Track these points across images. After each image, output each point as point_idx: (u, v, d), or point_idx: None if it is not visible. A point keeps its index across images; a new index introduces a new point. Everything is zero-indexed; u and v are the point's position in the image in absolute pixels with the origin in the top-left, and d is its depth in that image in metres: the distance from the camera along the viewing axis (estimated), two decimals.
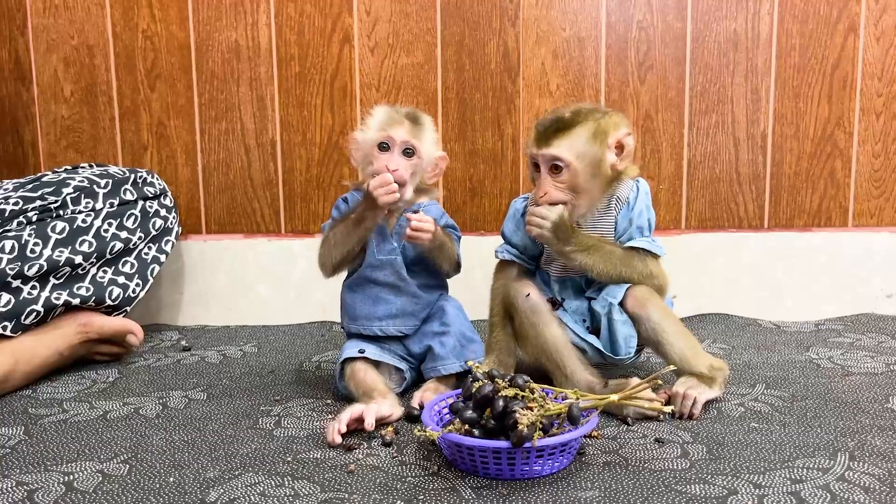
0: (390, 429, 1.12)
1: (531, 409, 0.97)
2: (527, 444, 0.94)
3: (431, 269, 1.33)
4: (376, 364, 1.27)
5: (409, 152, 1.27)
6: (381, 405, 1.16)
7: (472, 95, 1.77)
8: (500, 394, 1.00)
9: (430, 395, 1.23)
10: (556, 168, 1.23)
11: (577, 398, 1.03)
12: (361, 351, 1.26)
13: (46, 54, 1.77)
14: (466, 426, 0.99)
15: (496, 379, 1.03)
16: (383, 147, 1.26)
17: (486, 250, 1.40)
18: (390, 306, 1.30)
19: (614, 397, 1.02)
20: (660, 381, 1.03)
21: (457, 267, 1.35)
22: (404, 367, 1.31)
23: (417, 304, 1.32)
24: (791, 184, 1.78)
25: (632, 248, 1.26)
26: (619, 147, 1.25)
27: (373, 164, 1.27)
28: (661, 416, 1.16)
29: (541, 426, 0.97)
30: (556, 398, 1.06)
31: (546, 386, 1.10)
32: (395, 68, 1.76)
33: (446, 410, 1.10)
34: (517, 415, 0.95)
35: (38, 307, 1.41)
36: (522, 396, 1.00)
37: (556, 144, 1.22)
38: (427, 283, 1.33)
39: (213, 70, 1.77)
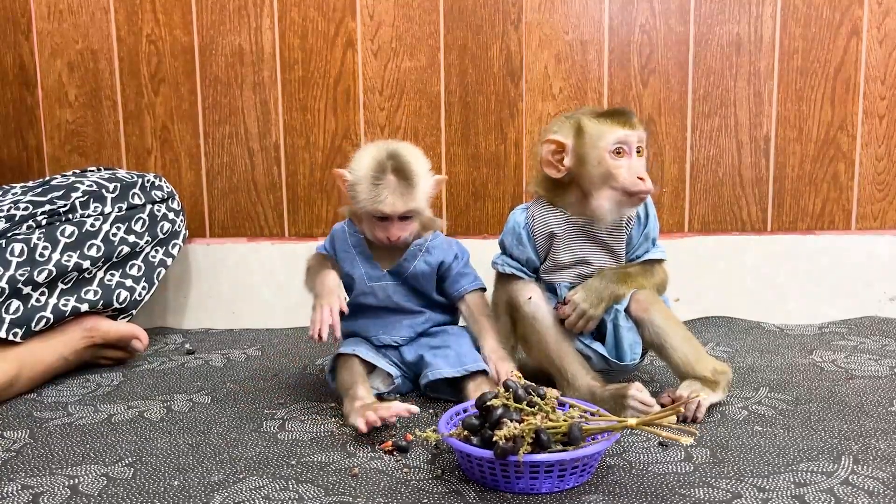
0: (408, 434, 1.11)
1: (522, 421, 0.95)
2: (512, 458, 0.92)
3: (441, 295, 1.33)
4: (371, 367, 1.27)
5: (406, 217, 1.26)
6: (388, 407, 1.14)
7: (474, 99, 1.77)
8: (497, 402, 0.98)
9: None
10: (639, 149, 1.23)
11: (595, 415, 1.00)
12: (355, 351, 1.26)
13: (51, 59, 1.78)
14: (466, 432, 0.99)
15: (507, 388, 1.01)
16: (380, 218, 1.25)
17: (489, 254, 1.39)
18: (385, 321, 1.32)
19: (632, 422, 0.96)
20: (682, 409, 1.01)
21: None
22: (395, 373, 1.31)
23: (417, 317, 1.32)
24: (794, 187, 1.78)
25: (647, 261, 1.29)
26: None
27: (371, 227, 1.26)
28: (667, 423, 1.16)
29: (531, 440, 0.93)
30: (583, 414, 1.01)
31: (571, 400, 1.08)
32: (399, 72, 1.77)
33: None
34: (503, 426, 0.93)
35: (48, 314, 1.41)
36: (519, 409, 0.98)
37: (638, 125, 1.23)
38: (430, 304, 1.33)
39: (216, 74, 1.78)
